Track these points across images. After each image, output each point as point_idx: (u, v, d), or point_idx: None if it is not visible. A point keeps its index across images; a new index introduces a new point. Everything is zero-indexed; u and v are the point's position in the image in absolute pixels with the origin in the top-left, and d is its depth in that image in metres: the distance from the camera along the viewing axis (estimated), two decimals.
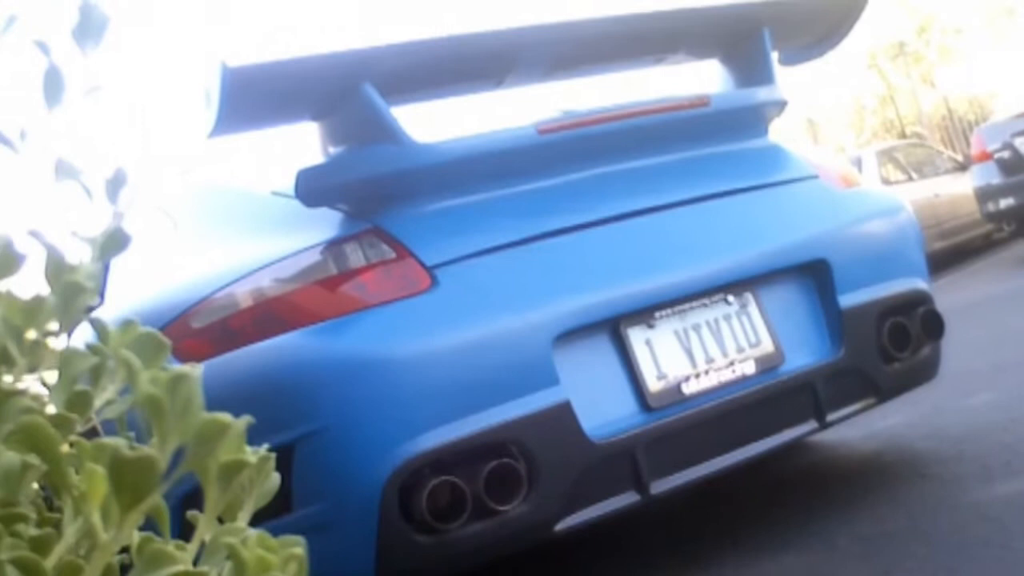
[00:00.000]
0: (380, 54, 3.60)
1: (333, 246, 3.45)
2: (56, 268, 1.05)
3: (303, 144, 3.96)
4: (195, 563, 0.89)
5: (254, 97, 3.43)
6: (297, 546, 0.89)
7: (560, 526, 3.41)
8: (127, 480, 0.79)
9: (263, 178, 4.20)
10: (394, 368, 3.24)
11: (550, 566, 4.44)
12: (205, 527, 0.92)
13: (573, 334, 3.50)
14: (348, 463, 3.20)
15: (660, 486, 3.55)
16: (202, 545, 0.93)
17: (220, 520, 0.97)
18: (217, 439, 0.86)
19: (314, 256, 3.44)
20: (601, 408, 3.51)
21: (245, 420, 0.93)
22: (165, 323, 3.67)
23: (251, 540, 0.84)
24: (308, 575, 0.90)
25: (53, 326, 1.05)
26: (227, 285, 3.56)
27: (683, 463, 3.64)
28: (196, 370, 0.89)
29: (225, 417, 0.88)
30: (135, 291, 4.27)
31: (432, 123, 4.15)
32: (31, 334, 1.03)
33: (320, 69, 3.51)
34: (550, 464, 3.34)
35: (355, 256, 3.42)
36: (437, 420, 3.23)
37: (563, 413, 3.38)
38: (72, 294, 1.03)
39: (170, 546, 0.86)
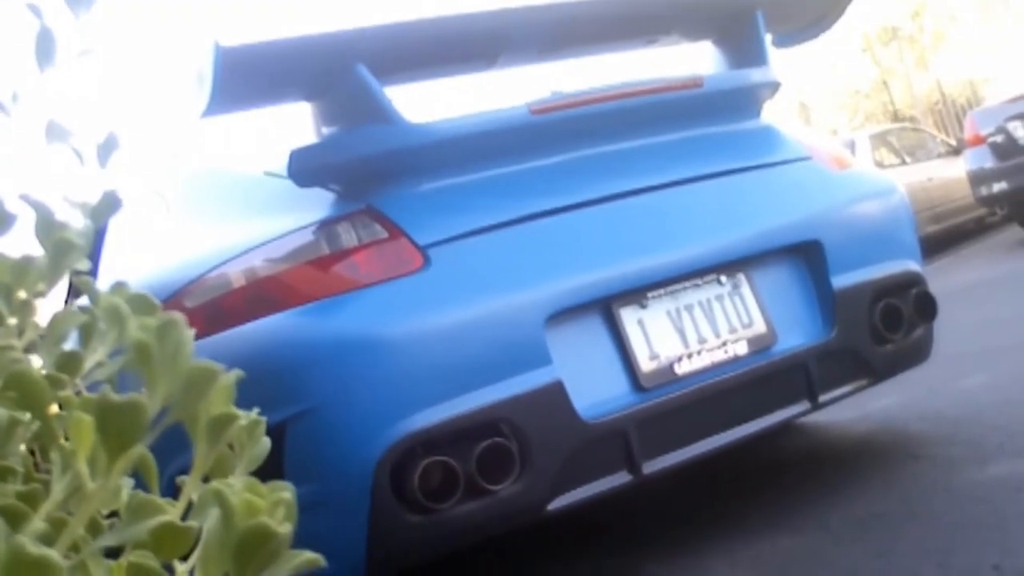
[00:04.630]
0: (373, 34, 3.60)
1: (326, 226, 3.45)
2: (46, 226, 1.04)
3: (296, 124, 3.96)
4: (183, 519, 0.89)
5: (247, 77, 3.43)
6: (285, 491, 0.89)
7: (552, 506, 3.41)
8: (114, 427, 0.79)
9: (256, 158, 4.19)
10: (386, 348, 3.24)
11: (540, 547, 4.45)
12: (193, 483, 0.92)
13: (565, 314, 3.50)
14: (340, 442, 3.20)
15: (652, 466, 3.56)
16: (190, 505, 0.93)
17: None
18: (206, 387, 0.86)
19: (307, 236, 3.45)
20: (593, 388, 3.52)
21: (235, 373, 0.93)
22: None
23: (238, 486, 0.84)
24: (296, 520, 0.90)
25: (43, 287, 1.05)
26: (220, 265, 3.56)
27: (675, 443, 3.64)
28: (183, 319, 0.89)
29: (215, 365, 0.88)
30: (127, 271, 4.27)
31: (425, 103, 4.14)
32: (21, 294, 1.03)
33: (313, 49, 3.51)
34: (542, 444, 3.34)
35: (347, 236, 3.42)
36: (429, 400, 3.23)
37: (555, 393, 3.38)
38: (62, 251, 1.03)
39: (159, 499, 0.87)
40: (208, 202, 4.21)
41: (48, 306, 1.10)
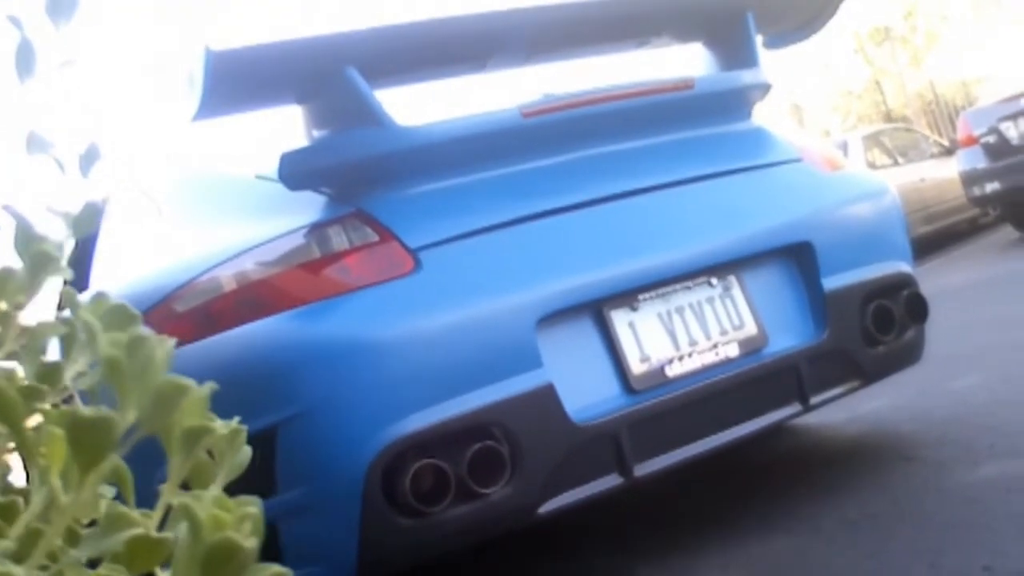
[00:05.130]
0: (363, 37, 3.59)
1: (316, 229, 3.45)
2: (25, 238, 1.05)
3: (287, 127, 3.96)
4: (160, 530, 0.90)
5: (238, 80, 3.43)
6: (252, 506, 0.89)
7: (543, 509, 3.41)
8: (85, 441, 0.80)
9: (247, 161, 4.19)
10: (378, 351, 3.23)
11: (531, 549, 4.45)
12: (169, 494, 0.92)
13: (556, 316, 3.50)
14: (332, 446, 3.20)
15: (644, 469, 3.56)
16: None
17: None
18: (176, 401, 0.86)
19: (297, 239, 3.44)
20: (584, 391, 3.52)
21: (208, 386, 0.94)
22: (149, 307, 3.67)
23: (206, 500, 0.84)
24: (263, 533, 0.90)
25: (22, 298, 1.05)
26: (211, 269, 3.56)
27: (667, 446, 3.64)
28: (168, 341, 0.89)
29: (185, 380, 0.88)
30: (119, 275, 4.27)
31: (415, 106, 4.14)
32: (1, 305, 1.03)
33: (304, 52, 3.51)
34: (533, 447, 3.35)
35: (338, 239, 3.42)
36: (420, 403, 3.23)
37: (546, 396, 3.38)
38: (40, 264, 1.03)
39: (134, 511, 0.87)
40: (199, 205, 4.21)
41: (31, 316, 1.10)
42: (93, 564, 0.92)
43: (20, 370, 1.06)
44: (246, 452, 1.05)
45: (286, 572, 0.89)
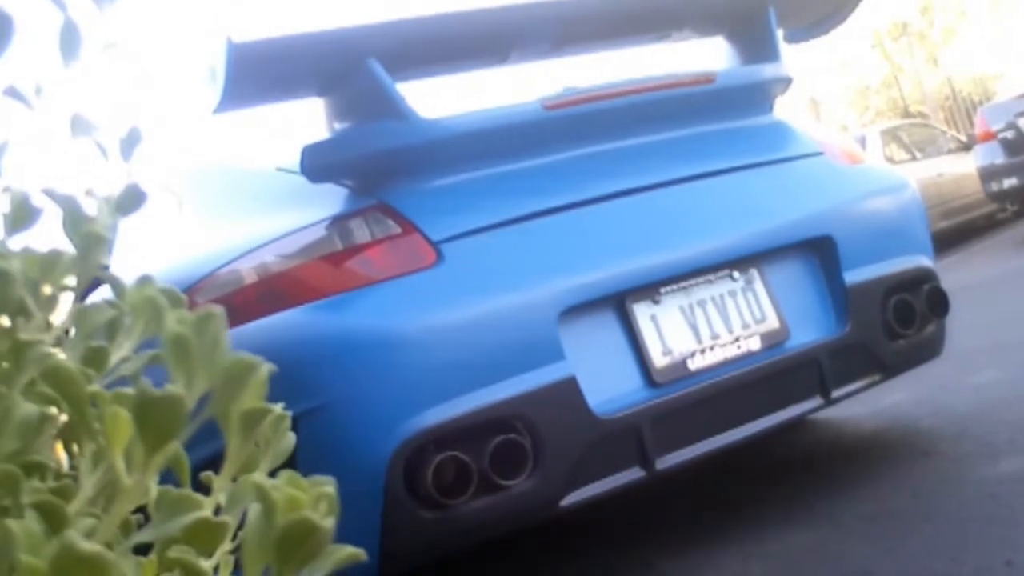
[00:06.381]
0: (385, 30, 3.59)
1: (338, 222, 3.45)
2: (74, 220, 1.04)
3: (308, 120, 3.95)
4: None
5: (260, 73, 3.42)
6: (328, 485, 0.89)
7: (565, 502, 3.41)
8: (152, 421, 0.79)
9: (268, 154, 4.19)
10: (399, 343, 3.23)
11: (551, 542, 4.44)
12: (224, 479, 0.92)
13: (579, 309, 3.49)
14: (353, 438, 3.20)
15: (665, 462, 3.55)
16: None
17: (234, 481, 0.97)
18: (244, 380, 0.85)
19: (319, 232, 3.44)
20: (607, 384, 3.51)
21: (269, 367, 0.93)
22: None
23: (279, 481, 0.84)
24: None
25: (69, 281, 1.05)
26: (232, 261, 3.56)
27: (688, 439, 3.64)
28: (221, 313, 0.89)
29: (254, 357, 0.88)
30: (139, 268, 4.27)
31: (438, 99, 4.14)
32: (47, 288, 1.03)
33: (326, 45, 3.51)
34: (555, 440, 3.34)
35: (360, 232, 3.42)
36: (442, 395, 3.22)
37: (569, 388, 3.38)
38: (91, 245, 1.03)
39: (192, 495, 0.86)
40: (220, 198, 4.21)
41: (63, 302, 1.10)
42: (139, 550, 0.92)
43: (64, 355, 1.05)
44: (291, 439, 1.04)
45: (360, 553, 0.89)
